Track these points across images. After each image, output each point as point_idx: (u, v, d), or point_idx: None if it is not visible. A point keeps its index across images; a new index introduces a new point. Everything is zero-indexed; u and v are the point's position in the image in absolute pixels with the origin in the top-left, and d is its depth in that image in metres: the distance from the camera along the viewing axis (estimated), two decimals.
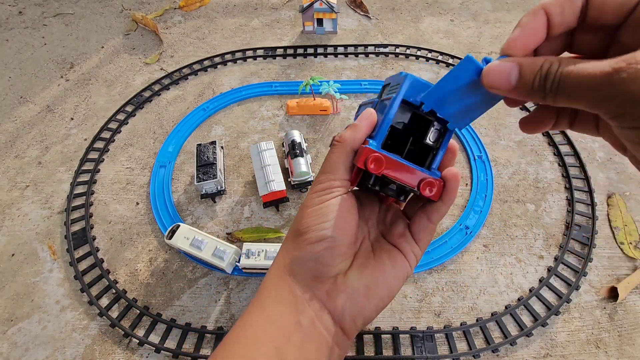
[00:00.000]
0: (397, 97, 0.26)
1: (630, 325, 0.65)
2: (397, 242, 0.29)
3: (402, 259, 0.28)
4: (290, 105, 0.96)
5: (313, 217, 0.26)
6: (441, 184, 0.26)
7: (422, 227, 0.28)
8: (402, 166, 0.26)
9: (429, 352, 0.63)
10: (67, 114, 1.01)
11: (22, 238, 0.78)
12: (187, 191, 0.84)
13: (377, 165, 0.25)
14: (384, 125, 0.26)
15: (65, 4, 1.36)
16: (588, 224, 0.77)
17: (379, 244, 0.29)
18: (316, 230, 0.26)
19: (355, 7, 1.29)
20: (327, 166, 0.27)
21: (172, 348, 0.64)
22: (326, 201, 0.26)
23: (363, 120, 0.27)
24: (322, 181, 0.27)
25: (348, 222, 0.27)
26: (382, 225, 0.31)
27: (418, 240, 0.28)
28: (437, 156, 0.27)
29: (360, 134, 0.27)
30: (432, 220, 0.28)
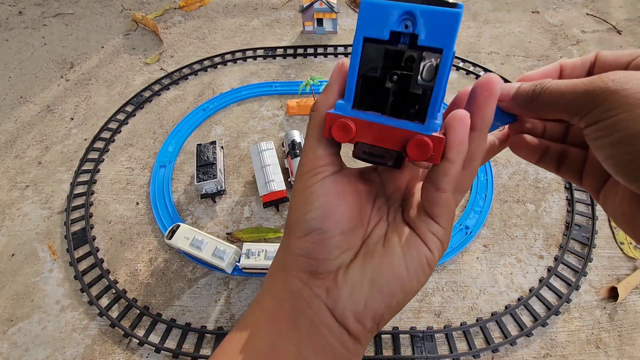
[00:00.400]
0: (355, 38, 0.19)
1: (630, 325, 0.65)
2: (412, 221, 0.23)
3: (417, 241, 0.22)
4: (290, 105, 0.96)
5: (298, 206, 0.23)
6: (439, 140, 0.19)
7: (432, 199, 0.22)
8: (380, 127, 0.19)
9: (429, 352, 0.63)
10: (67, 114, 1.01)
11: (22, 238, 0.78)
12: (187, 191, 0.84)
13: (344, 133, 0.20)
14: (349, 78, 0.20)
15: (65, 4, 1.36)
16: (588, 224, 0.77)
17: (394, 225, 0.24)
18: (302, 222, 0.22)
19: (355, 7, 1.29)
20: (307, 144, 0.23)
21: (172, 348, 0.64)
22: (310, 186, 0.22)
23: (334, 77, 0.22)
24: (304, 162, 0.23)
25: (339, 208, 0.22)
26: (405, 202, 0.26)
27: (433, 215, 0.22)
28: (432, 101, 0.19)
29: (332, 95, 0.22)
30: (441, 188, 0.21)
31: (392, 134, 0.19)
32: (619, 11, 1.25)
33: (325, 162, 0.23)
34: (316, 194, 0.22)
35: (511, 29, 1.20)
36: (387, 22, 0.18)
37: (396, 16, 0.18)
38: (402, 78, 0.19)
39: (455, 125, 0.19)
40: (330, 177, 0.23)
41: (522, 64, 1.09)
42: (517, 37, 1.18)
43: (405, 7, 0.18)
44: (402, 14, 0.18)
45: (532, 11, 1.27)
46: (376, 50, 0.19)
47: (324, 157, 0.23)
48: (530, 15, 1.25)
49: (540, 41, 1.16)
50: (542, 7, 1.28)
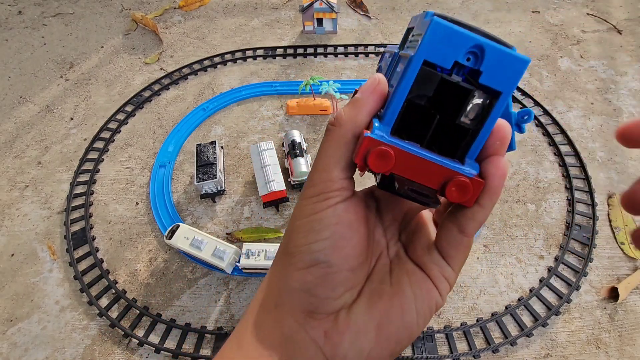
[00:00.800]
0: (415, 59, 0.17)
1: (631, 326, 0.65)
2: (422, 261, 0.21)
3: (429, 284, 0.21)
4: (290, 105, 0.96)
5: (303, 233, 0.20)
6: (479, 184, 0.18)
7: (453, 241, 0.20)
8: (420, 161, 0.18)
9: (429, 352, 0.63)
10: (66, 114, 1.01)
11: (22, 238, 0.78)
12: (187, 191, 0.84)
13: (383, 163, 0.17)
14: (395, 100, 0.18)
15: (64, 3, 1.36)
16: (588, 224, 0.77)
17: (399, 263, 0.22)
18: (306, 252, 0.20)
19: (355, 7, 1.29)
20: (321, 161, 0.20)
21: (172, 348, 0.64)
22: (320, 211, 0.20)
23: (367, 93, 0.19)
24: (315, 183, 0.20)
25: (350, 240, 0.20)
26: (405, 235, 0.24)
27: (448, 257, 0.20)
28: (476, 142, 0.18)
29: (364, 112, 0.19)
30: (466, 232, 0.19)
31: (432, 169, 0.18)
32: (620, 11, 1.25)
33: (340, 186, 0.20)
34: (326, 221, 0.20)
35: (511, 29, 1.20)
36: (455, 51, 0.17)
37: (467, 47, 0.17)
38: (449, 111, 0.18)
39: (497, 174, 0.18)
40: (343, 203, 0.20)
41: None
42: (518, 37, 1.18)
43: (478, 40, 0.17)
44: (472, 46, 0.17)
45: (532, 11, 1.27)
46: (431, 77, 0.17)
47: (340, 180, 0.20)
48: (530, 15, 1.25)
49: (540, 41, 1.16)
50: (543, 6, 1.28)
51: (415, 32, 0.19)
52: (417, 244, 0.22)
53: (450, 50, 0.17)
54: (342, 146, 0.19)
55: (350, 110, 0.20)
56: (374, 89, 0.19)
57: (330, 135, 0.20)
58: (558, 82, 1.04)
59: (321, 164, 0.20)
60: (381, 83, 0.19)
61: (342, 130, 0.19)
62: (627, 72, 1.06)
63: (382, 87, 0.19)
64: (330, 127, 0.20)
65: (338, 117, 0.20)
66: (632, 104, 0.98)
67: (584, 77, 1.05)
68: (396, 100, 0.18)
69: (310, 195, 0.20)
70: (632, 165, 0.86)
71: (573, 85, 1.03)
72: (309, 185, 0.21)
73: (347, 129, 0.19)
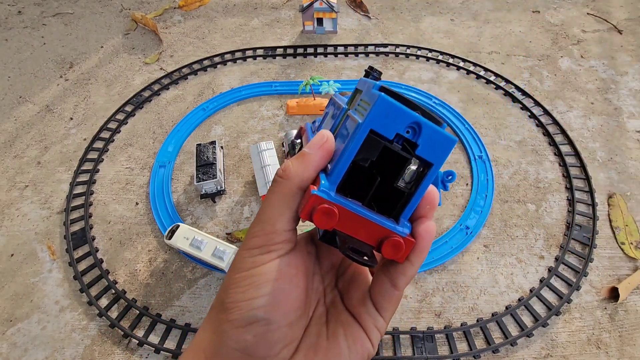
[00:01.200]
0: (362, 128, 0.19)
1: (631, 326, 0.65)
2: (357, 312, 0.22)
3: (362, 336, 0.21)
4: (290, 105, 0.96)
5: (241, 288, 0.19)
6: (410, 243, 0.20)
7: (385, 294, 0.21)
8: (360, 219, 0.19)
9: (429, 352, 0.63)
10: (66, 114, 1.01)
11: (22, 238, 0.78)
12: (187, 191, 0.84)
13: (327, 220, 0.19)
14: (342, 162, 0.19)
15: (64, 3, 1.36)
16: (589, 224, 0.77)
17: (335, 313, 0.22)
18: (244, 308, 0.19)
19: (355, 6, 1.29)
20: (266, 212, 0.20)
21: (172, 348, 0.64)
22: (261, 265, 0.19)
23: (315, 149, 0.20)
24: (257, 234, 0.20)
25: (290, 295, 0.20)
26: (342, 282, 0.24)
27: (381, 309, 0.21)
28: (410, 204, 0.20)
29: (311, 168, 0.20)
30: (398, 286, 0.20)
31: (371, 227, 0.20)
32: (620, 11, 1.24)
33: (283, 239, 0.20)
34: (267, 276, 0.19)
35: (512, 29, 1.20)
36: (397, 124, 0.19)
37: (407, 122, 0.19)
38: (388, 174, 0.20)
39: (426, 237, 0.20)
40: (285, 256, 0.20)
41: (523, 64, 1.09)
42: (518, 36, 1.17)
43: (417, 118, 0.19)
44: (411, 122, 0.19)
45: (532, 11, 1.26)
46: (375, 144, 0.19)
47: (283, 232, 0.20)
48: (530, 15, 1.25)
49: (540, 41, 1.16)
50: (543, 6, 1.28)
51: (364, 98, 0.21)
52: (353, 294, 0.23)
53: (393, 124, 0.19)
54: (288, 199, 0.20)
55: (299, 165, 0.20)
56: (322, 146, 0.20)
57: (278, 188, 0.20)
58: (558, 82, 1.04)
59: (265, 216, 0.20)
60: (329, 141, 0.21)
61: (289, 184, 0.20)
62: (628, 72, 1.06)
63: (329, 144, 0.20)
64: (278, 179, 0.20)
65: (286, 170, 0.20)
66: (632, 103, 0.98)
67: (585, 77, 1.05)
68: (343, 162, 0.19)
69: (251, 246, 0.20)
70: (632, 165, 0.86)
71: (573, 85, 1.03)
72: (250, 236, 0.20)
73: (294, 183, 0.20)
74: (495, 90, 1.02)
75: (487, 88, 1.03)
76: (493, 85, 1.03)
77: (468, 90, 1.02)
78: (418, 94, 1.01)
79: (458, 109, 0.97)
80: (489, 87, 1.03)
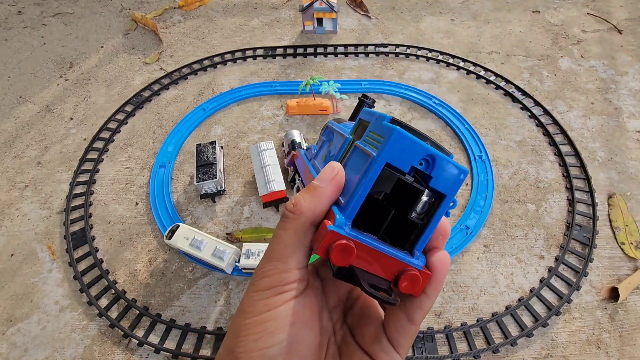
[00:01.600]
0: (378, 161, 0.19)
1: (631, 326, 0.65)
2: (372, 350, 0.20)
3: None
4: (290, 105, 0.96)
5: (253, 335, 0.18)
6: (426, 276, 0.19)
7: (402, 329, 0.20)
8: (376, 253, 0.19)
9: (429, 352, 0.63)
10: (66, 114, 1.01)
11: (22, 238, 0.78)
12: (187, 191, 0.84)
13: (345, 256, 0.18)
14: (357, 195, 0.19)
15: (64, 3, 1.36)
16: (589, 224, 0.77)
17: (347, 352, 0.21)
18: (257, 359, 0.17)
19: (355, 6, 1.29)
20: (277, 250, 0.19)
21: (172, 349, 0.64)
22: (274, 308, 0.18)
23: (327, 182, 0.20)
24: (269, 273, 0.19)
25: (307, 341, 0.19)
26: (351, 317, 0.23)
27: (397, 345, 0.20)
28: (423, 236, 0.20)
29: (324, 202, 0.19)
30: (415, 321, 0.20)
31: (387, 261, 0.19)
32: (620, 11, 1.24)
33: (296, 278, 0.19)
34: (281, 322, 0.18)
35: (512, 29, 1.20)
36: (412, 157, 0.19)
37: (422, 155, 0.19)
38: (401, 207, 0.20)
39: (442, 268, 0.19)
40: (299, 297, 0.19)
41: (523, 64, 1.09)
42: (518, 36, 1.17)
43: (432, 151, 0.19)
44: (426, 155, 0.19)
45: (532, 11, 1.26)
46: (390, 177, 0.19)
47: (296, 271, 0.19)
48: (530, 15, 1.25)
49: (540, 41, 1.16)
50: (543, 6, 1.28)
51: (374, 131, 0.21)
52: (364, 330, 0.21)
53: (408, 157, 0.19)
54: (300, 235, 0.19)
55: (310, 199, 0.19)
56: (333, 179, 0.20)
57: (289, 224, 0.19)
58: (558, 82, 1.04)
59: (277, 253, 0.19)
60: (340, 173, 0.20)
61: (301, 219, 0.19)
62: (628, 72, 1.06)
63: (340, 177, 0.20)
64: (289, 214, 0.19)
65: (297, 205, 0.19)
66: (632, 104, 0.98)
67: (585, 77, 1.05)
68: (359, 195, 0.19)
69: (262, 287, 0.19)
70: (633, 165, 0.86)
71: (573, 85, 1.03)
72: (261, 275, 0.19)
73: (307, 218, 0.19)
74: (495, 90, 1.02)
75: (487, 88, 1.03)
76: (493, 85, 1.03)
77: (468, 90, 1.02)
78: (418, 94, 1.01)
79: (458, 109, 0.97)
80: (489, 87, 1.03)
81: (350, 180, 0.20)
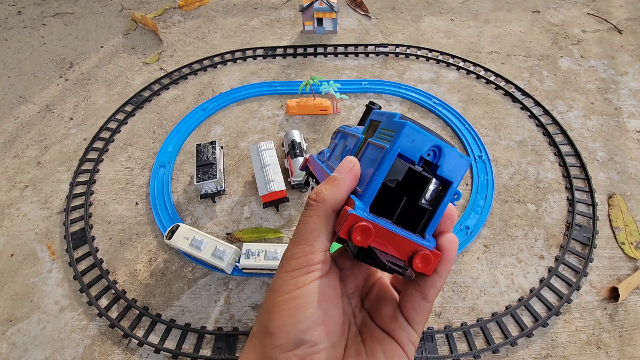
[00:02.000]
0: (392, 152, 0.21)
1: (631, 326, 0.65)
2: (390, 328, 0.23)
3: (399, 351, 0.22)
4: (290, 105, 0.96)
5: (286, 311, 0.20)
6: (437, 255, 0.21)
7: (417, 307, 0.22)
8: (392, 235, 0.21)
9: (429, 352, 0.63)
10: (66, 114, 1.01)
11: (21, 238, 0.78)
12: (187, 191, 0.84)
13: (365, 237, 0.20)
14: (373, 183, 0.21)
15: (64, 3, 1.36)
16: (589, 224, 0.77)
17: (368, 332, 0.23)
18: (291, 332, 0.19)
19: (355, 6, 1.29)
20: (303, 234, 0.21)
21: (172, 348, 0.64)
22: (303, 286, 0.20)
23: (345, 174, 0.22)
24: (297, 255, 0.21)
25: (333, 317, 0.21)
26: (368, 302, 0.25)
27: (413, 322, 0.22)
28: (433, 221, 0.22)
29: (344, 191, 0.22)
30: (429, 298, 0.22)
31: (402, 243, 0.21)
32: (620, 11, 1.24)
33: (321, 259, 0.21)
34: (310, 298, 0.20)
35: (512, 29, 1.20)
36: (421, 148, 0.21)
37: (429, 146, 0.21)
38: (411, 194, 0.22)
39: (451, 248, 0.22)
40: (325, 277, 0.21)
41: (523, 64, 1.09)
42: (518, 36, 1.17)
43: (438, 142, 0.22)
44: (433, 146, 0.22)
45: (532, 11, 1.26)
46: (402, 166, 0.22)
47: (321, 252, 0.21)
48: (530, 15, 1.25)
49: (540, 41, 1.16)
50: (543, 6, 1.28)
51: (386, 127, 0.24)
52: (382, 312, 0.24)
53: (418, 148, 0.21)
54: (323, 220, 0.21)
55: (332, 189, 0.22)
56: (351, 170, 0.22)
57: (314, 211, 0.22)
58: (558, 82, 1.04)
59: (303, 237, 0.21)
60: (356, 165, 0.23)
61: (324, 206, 0.21)
62: (628, 72, 1.06)
63: (357, 168, 0.23)
64: (313, 202, 0.22)
65: (320, 194, 0.22)
66: (632, 103, 0.98)
67: (585, 77, 1.05)
68: (375, 182, 0.21)
69: (292, 268, 0.21)
70: (632, 165, 0.86)
71: (573, 85, 1.03)
72: (290, 258, 0.21)
73: (329, 205, 0.21)
74: (495, 90, 1.02)
75: (487, 88, 1.03)
76: (493, 85, 1.03)
77: (468, 90, 1.02)
78: (418, 94, 1.01)
79: (458, 109, 0.97)
80: (489, 87, 1.03)
81: (365, 172, 0.23)
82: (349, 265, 0.25)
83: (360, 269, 0.26)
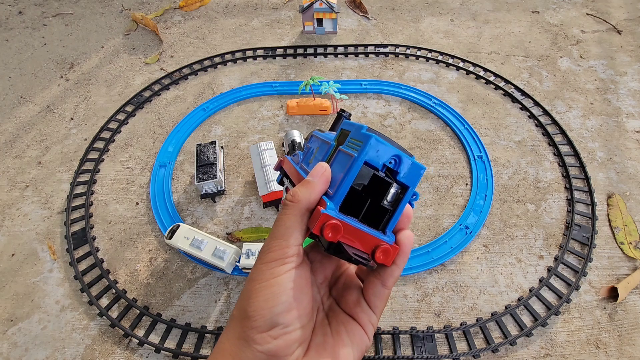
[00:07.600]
0: (359, 159, 0.24)
1: (631, 326, 0.65)
2: (354, 312, 0.26)
3: (360, 331, 0.26)
4: (290, 105, 0.96)
5: (262, 296, 0.23)
6: (396, 249, 0.25)
7: (377, 293, 0.26)
8: (358, 232, 0.24)
9: (429, 352, 0.63)
10: (67, 114, 1.01)
11: (22, 238, 0.78)
12: (187, 191, 0.84)
13: (335, 233, 0.23)
14: (342, 186, 0.24)
15: (65, 3, 1.36)
16: (588, 224, 0.77)
17: (334, 315, 0.27)
18: (266, 315, 0.22)
19: (354, 7, 1.29)
20: (279, 230, 0.24)
21: (172, 348, 0.64)
22: (278, 276, 0.23)
23: (318, 177, 0.25)
24: (273, 249, 0.24)
25: (303, 302, 0.24)
26: (336, 290, 0.29)
27: (374, 306, 0.26)
28: (393, 219, 0.26)
29: (316, 193, 0.25)
30: (387, 285, 0.25)
31: (366, 238, 0.25)
32: (619, 11, 1.25)
33: (294, 253, 0.24)
34: (284, 286, 0.23)
35: (511, 29, 1.20)
36: (384, 157, 0.25)
37: (391, 155, 0.25)
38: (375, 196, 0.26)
39: (407, 243, 0.25)
40: (297, 269, 0.24)
41: (522, 64, 1.09)
42: (517, 37, 1.18)
43: (398, 152, 0.25)
44: (394, 155, 0.25)
45: (532, 11, 1.27)
46: (367, 172, 0.25)
47: (294, 247, 0.24)
48: (530, 15, 1.25)
49: (540, 41, 1.16)
50: (542, 7, 1.28)
51: (355, 137, 0.27)
52: (348, 297, 0.27)
53: (381, 157, 0.25)
54: (298, 219, 0.24)
55: (306, 191, 0.25)
56: (323, 174, 0.25)
57: (289, 209, 0.24)
58: (558, 82, 1.04)
59: (279, 233, 0.24)
60: (327, 170, 0.26)
61: (299, 206, 0.24)
62: (627, 72, 1.06)
63: (328, 173, 0.26)
64: (289, 202, 0.25)
65: (295, 195, 0.25)
66: (631, 104, 0.98)
67: (584, 77, 1.05)
68: (344, 186, 0.24)
69: (269, 260, 0.23)
70: (632, 165, 0.86)
71: (573, 86, 1.03)
72: (267, 251, 0.24)
73: (303, 205, 0.24)
74: (495, 90, 1.02)
75: (486, 88, 1.03)
76: (492, 86, 1.03)
77: (468, 91, 1.02)
78: (418, 94, 1.01)
79: (458, 109, 0.97)
80: (488, 87, 1.03)
81: (335, 176, 0.26)
82: (319, 258, 0.28)
83: (329, 261, 0.29)
